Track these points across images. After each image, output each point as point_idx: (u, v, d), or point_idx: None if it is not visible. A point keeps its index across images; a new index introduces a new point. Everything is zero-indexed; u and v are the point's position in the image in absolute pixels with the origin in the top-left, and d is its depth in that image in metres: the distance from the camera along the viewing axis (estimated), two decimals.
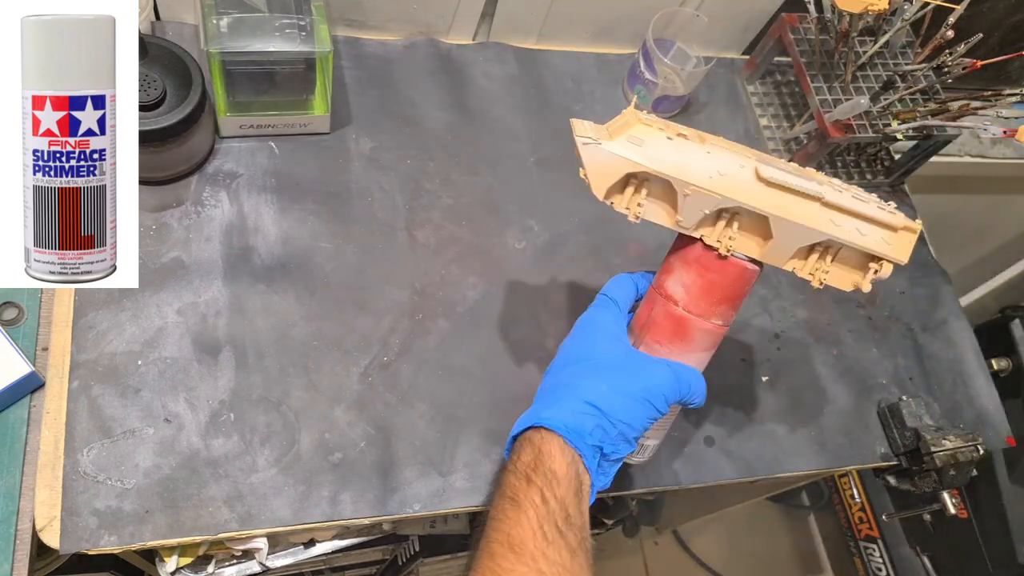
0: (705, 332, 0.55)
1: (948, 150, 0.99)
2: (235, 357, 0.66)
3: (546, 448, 0.50)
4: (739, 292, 0.55)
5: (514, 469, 0.50)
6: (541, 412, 0.52)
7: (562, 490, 0.48)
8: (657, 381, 0.53)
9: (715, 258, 0.54)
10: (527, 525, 0.46)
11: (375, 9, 0.82)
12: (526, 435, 0.52)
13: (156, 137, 0.64)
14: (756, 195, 0.51)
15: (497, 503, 0.49)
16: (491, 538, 0.47)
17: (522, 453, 0.51)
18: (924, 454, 0.76)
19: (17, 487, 0.57)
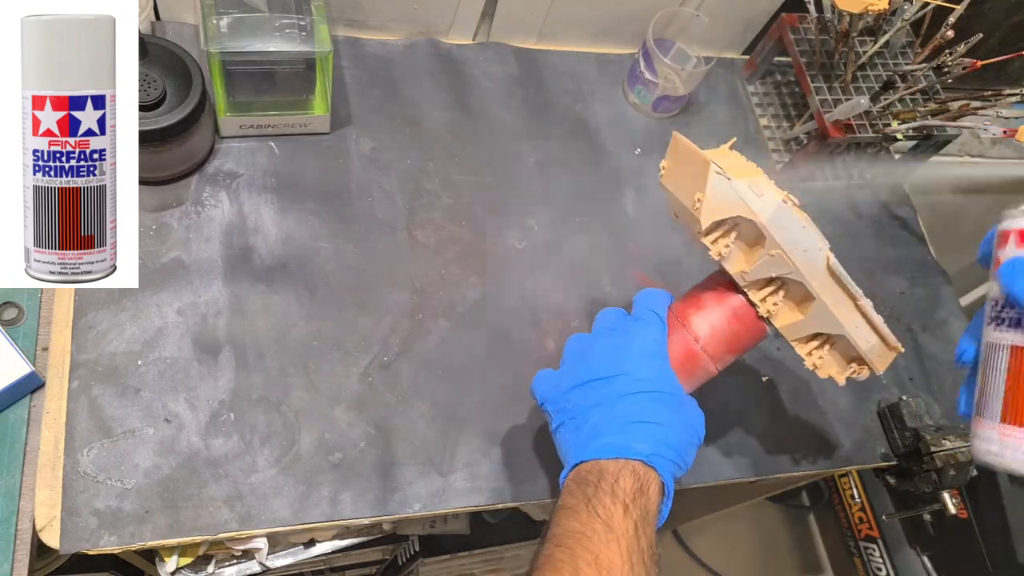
0: (706, 374, 0.58)
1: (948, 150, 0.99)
2: (235, 357, 0.66)
3: (647, 485, 0.50)
4: (748, 348, 0.59)
5: (611, 492, 0.49)
6: (647, 451, 0.51)
7: (651, 530, 0.49)
8: (700, 422, 0.56)
9: (753, 315, 0.57)
10: (617, 551, 0.46)
11: (375, 9, 0.82)
12: (628, 463, 0.51)
13: (156, 137, 0.64)
14: (820, 280, 0.55)
15: (586, 521, 0.48)
16: (577, 554, 0.46)
17: (621, 479, 0.50)
18: (924, 454, 0.76)
19: (17, 487, 0.57)
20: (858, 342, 0.56)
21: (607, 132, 0.88)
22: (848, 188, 0.95)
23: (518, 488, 0.68)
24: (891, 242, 0.93)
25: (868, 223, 0.93)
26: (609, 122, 0.89)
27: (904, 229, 0.95)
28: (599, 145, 0.87)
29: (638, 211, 0.84)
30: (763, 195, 0.53)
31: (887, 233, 0.94)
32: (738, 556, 1.76)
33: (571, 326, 0.76)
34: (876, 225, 0.93)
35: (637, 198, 0.85)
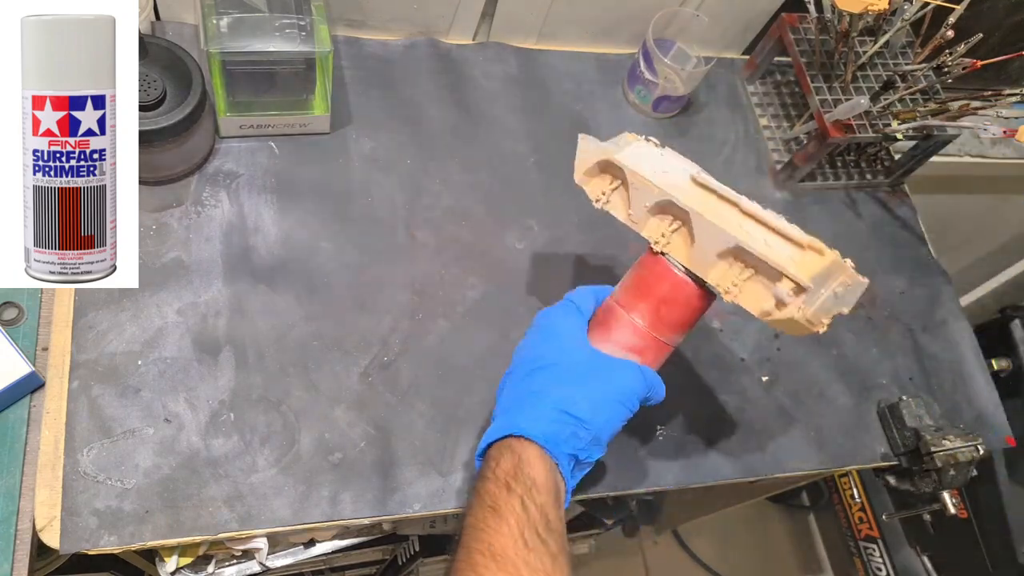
0: (628, 328, 0.56)
1: (948, 150, 0.99)
2: (235, 357, 0.66)
3: (525, 456, 0.50)
4: (666, 295, 0.56)
5: (493, 476, 0.49)
6: (517, 421, 0.52)
7: (542, 497, 0.48)
8: (627, 381, 0.54)
9: (649, 255, 0.57)
10: (508, 533, 0.46)
11: (375, 9, 0.82)
12: (504, 442, 0.51)
13: (156, 137, 0.64)
14: (687, 193, 0.56)
15: (476, 511, 0.48)
16: (471, 548, 0.46)
17: (501, 460, 0.50)
18: (924, 454, 0.76)
19: (17, 487, 0.57)
20: (758, 248, 0.51)
21: (607, 132, 0.88)
22: (848, 188, 0.95)
23: None
24: (891, 242, 0.93)
25: (868, 223, 0.93)
26: (609, 122, 0.89)
27: (904, 229, 0.95)
28: None
29: None
30: (622, 143, 0.59)
31: (887, 233, 0.94)
32: (738, 556, 1.76)
33: None
34: (876, 225, 0.93)
35: None
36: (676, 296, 0.56)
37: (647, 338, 0.56)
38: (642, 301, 0.56)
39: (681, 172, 0.57)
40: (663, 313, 0.56)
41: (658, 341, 0.56)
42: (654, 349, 0.57)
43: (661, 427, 0.73)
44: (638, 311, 0.56)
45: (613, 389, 0.53)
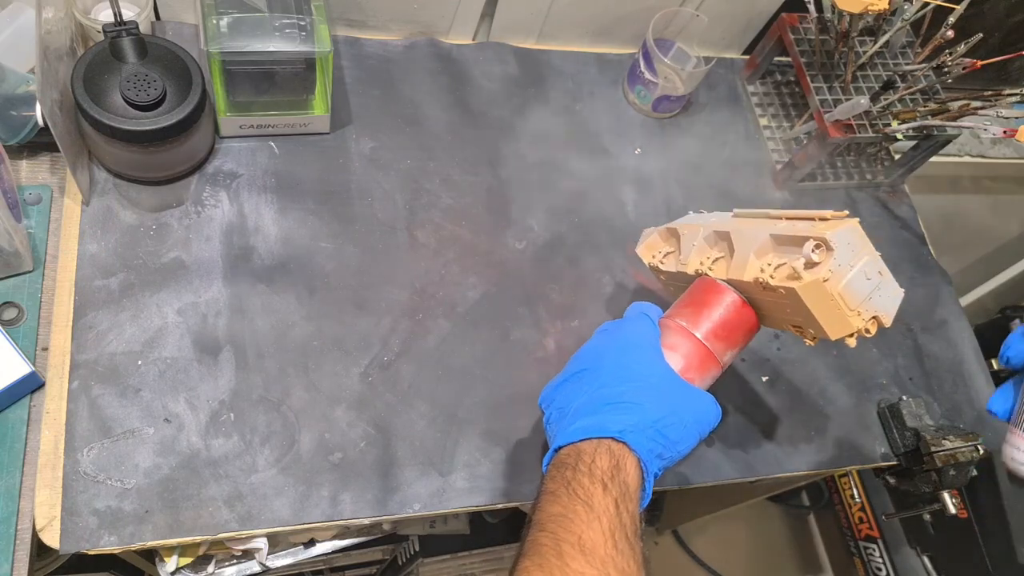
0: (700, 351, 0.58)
1: (948, 150, 0.99)
2: (235, 357, 0.66)
3: (623, 462, 0.50)
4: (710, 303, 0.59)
5: (589, 472, 0.49)
6: (617, 427, 0.51)
7: (633, 505, 0.49)
8: (706, 410, 0.55)
9: (699, 280, 0.62)
10: (600, 530, 0.46)
11: (375, 9, 0.82)
12: (603, 442, 0.51)
13: (156, 137, 0.64)
14: (727, 223, 0.61)
15: (566, 502, 0.48)
16: (559, 536, 0.46)
17: (597, 458, 0.50)
18: (924, 454, 0.76)
19: (17, 487, 0.57)
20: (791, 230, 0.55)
21: (607, 132, 0.88)
22: (848, 188, 0.95)
23: (518, 488, 0.68)
24: (891, 242, 0.93)
25: (868, 223, 0.93)
26: (609, 122, 0.89)
27: (904, 229, 0.95)
28: (599, 145, 0.87)
29: (638, 211, 0.84)
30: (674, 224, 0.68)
31: (887, 233, 0.94)
32: (738, 556, 1.76)
33: (571, 326, 0.76)
34: (876, 225, 0.93)
35: (637, 198, 0.85)
36: (730, 311, 0.59)
37: (713, 361, 0.58)
38: (686, 308, 0.60)
39: (726, 215, 0.65)
40: (722, 331, 0.58)
41: (716, 362, 0.58)
42: (713, 372, 0.59)
43: None
44: (683, 316, 0.59)
45: (697, 419, 0.54)
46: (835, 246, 0.52)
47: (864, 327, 0.54)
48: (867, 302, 0.54)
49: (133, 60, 0.64)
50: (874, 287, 0.54)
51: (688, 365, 0.57)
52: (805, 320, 0.56)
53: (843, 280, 0.52)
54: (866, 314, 0.54)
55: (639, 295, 0.79)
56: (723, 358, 0.59)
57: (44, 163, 0.69)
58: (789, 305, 0.55)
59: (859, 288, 0.53)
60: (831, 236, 0.52)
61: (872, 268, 0.54)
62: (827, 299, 0.53)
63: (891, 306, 0.56)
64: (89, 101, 0.62)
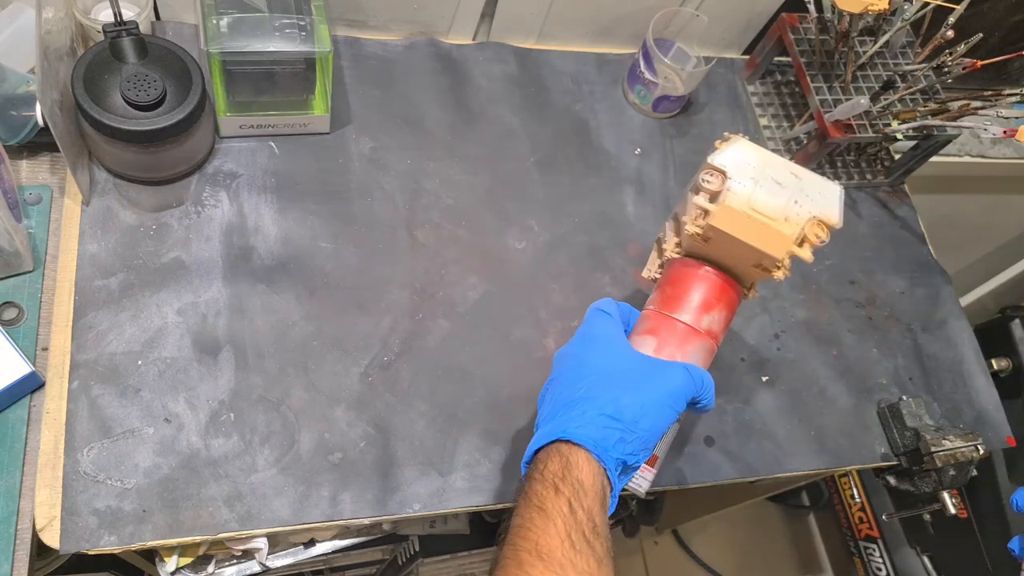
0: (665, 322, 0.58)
1: (948, 150, 0.99)
2: (235, 357, 0.66)
3: (574, 459, 0.50)
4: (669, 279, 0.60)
5: (541, 478, 0.49)
6: (564, 426, 0.51)
7: (589, 500, 0.48)
8: (674, 382, 0.53)
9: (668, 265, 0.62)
10: (555, 534, 0.46)
11: (375, 9, 0.82)
12: (553, 446, 0.51)
13: (156, 137, 0.64)
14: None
15: (523, 511, 0.48)
16: (518, 546, 0.46)
17: (549, 463, 0.50)
18: (924, 454, 0.76)
19: (17, 487, 0.57)
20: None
21: (607, 132, 0.88)
22: (848, 188, 0.95)
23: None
24: (891, 242, 0.93)
25: (868, 223, 0.93)
26: (609, 122, 0.89)
27: (904, 229, 0.95)
28: (599, 145, 0.87)
29: (638, 211, 0.84)
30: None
31: (887, 233, 0.94)
32: (738, 556, 1.76)
33: (571, 326, 0.76)
34: (876, 225, 0.93)
35: (637, 198, 0.85)
36: (686, 277, 0.58)
37: (656, 319, 0.58)
38: (667, 295, 0.59)
39: None
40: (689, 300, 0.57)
41: (695, 331, 0.56)
42: (697, 343, 0.57)
43: None
44: (650, 303, 0.60)
45: (660, 391, 0.53)
46: (724, 167, 0.53)
47: (804, 234, 0.53)
48: (792, 207, 0.53)
49: (133, 60, 0.64)
50: (794, 191, 0.53)
51: (662, 343, 0.57)
52: (748, 252, 0.54)
53: (748, 195, 0.52)
54: (798, 220, 0.53)
55: (639, 294, 0.79)
56: (702, 325, 0.57)
57: (44, 163, 0.69)
58: (730, 247, 0.54)
59: (772, 196, 0.53)
60: (714, 159, 0.53)
61: (780, 173, 0.54)
62: (745, 220, 0.52)
63: (829, 204, 0.54)
64: (89, 101, 0.62)
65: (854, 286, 0.88)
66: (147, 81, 0.63)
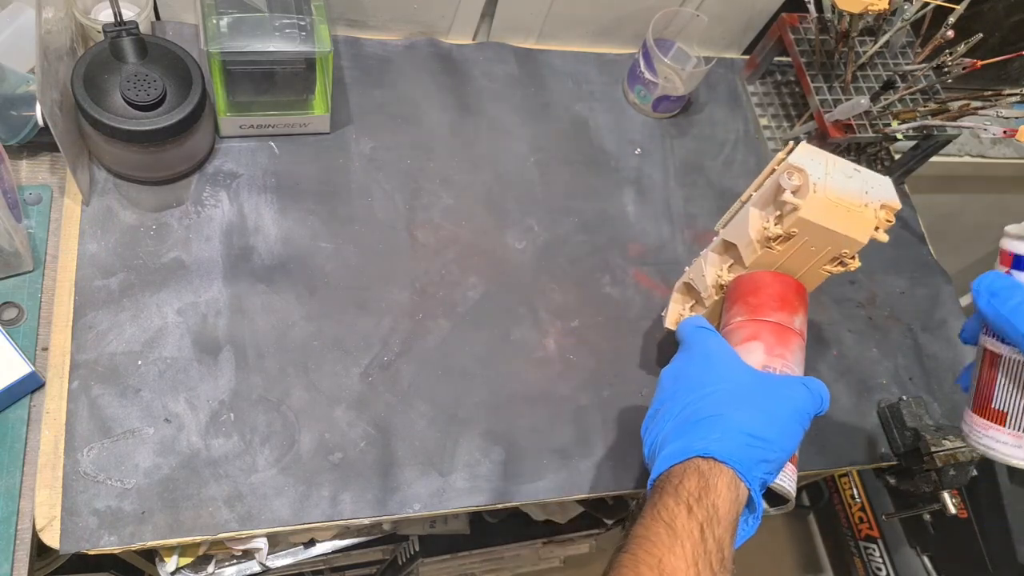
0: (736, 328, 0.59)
1: (948, 150, 0.99)
2: (235, 357, 0.66)
3: (714, 481, 0.47)
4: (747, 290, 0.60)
5: (675, 493, 0.47)
6: (703, 443, 0.49)
7: (721, 529, 0.46)
8: (800, 398, 0.52)
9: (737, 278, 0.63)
10: (682, 556, 0.44)
11: (375, 9, 0.82)
12: (691, 463, 0.49)
13: (156, 137, 0.64)
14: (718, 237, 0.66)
15: (650, 524, 0.46)
16: (640, 558, 0.44)
17: (685, 479, 0.47)
18: (924, 454, 0.76)
19: (17, 487, 0.57)
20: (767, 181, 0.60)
21: (607, 132, 0.88)
22: None
23: (518, 488, 0.68)
24: (891, 242, 0.92)
25: None
26: (609, 122, 0.89)
27: (904, 229, 0.95)
28: (599, 145, 0.87)
29: (638, 211, 0.84)
30: None
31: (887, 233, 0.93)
32: (738, 556, 1.76)
33: (571, 326, 0.76)
34: None
35: (637, 198, 0.85)
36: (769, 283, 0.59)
37: (752, 325, 0.58)
38: (731, 309, 0.60)
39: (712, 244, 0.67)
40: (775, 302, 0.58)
41: (793, 332, 0.57)
42: (796, 343, 0.57)
43: None
44: (735, 314, 0.59)
45: (788, 408, 0.51)
46: (803, 165, 0.56)
47: (883, 218, 0.57)
48: (866, 195, 0.57)
49: (133, 60, 0.64)
50: (862, 182, 0.58)
51: (769, 348, 0.56)
52: (832, 242, 0.57)
53: (831, 186, 0.56)
54: (873, 206, 0.57)
55: (639, 295, 0.79)
56: (795, 324, 0.58)
57: (44, 163, 0.69)
58: (811, 242, 0.57)
59: (849, 186, 0.57)
60: (793, 160, 0.57)
61: (847, 168, 0.58)
62: (833, 207, 0.56)
63: (889, 192, 0.58)
64: (89, 101, 0.62)
65: (854, 286, 0.88)
66: (147, 81, 0.63)
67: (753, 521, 0.50)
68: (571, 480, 0.69)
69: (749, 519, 0.50)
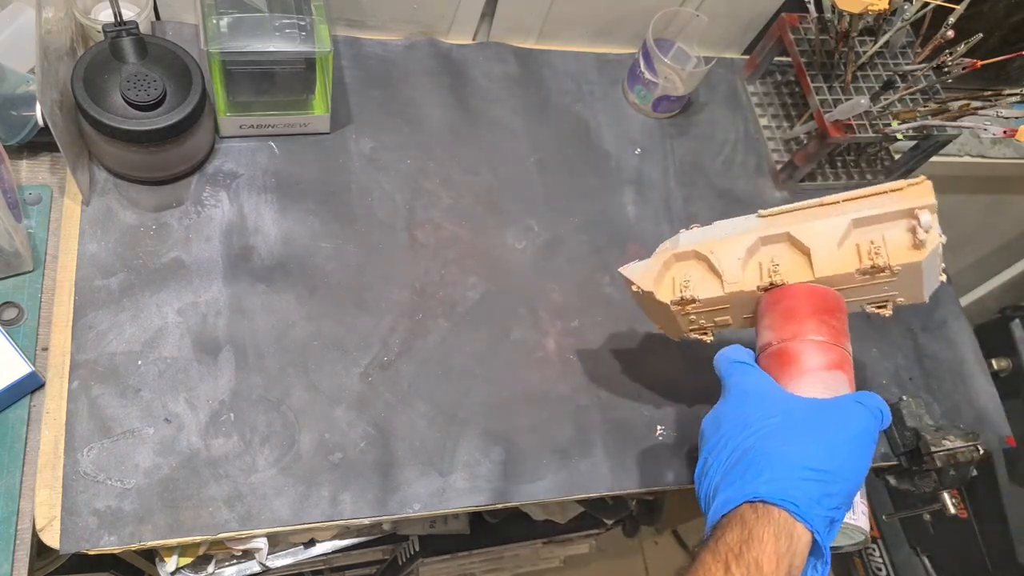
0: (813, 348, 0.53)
1: (948, 150, 0.99)
2: (235, 357, 0.66)
3: (758, 532, 0.43)
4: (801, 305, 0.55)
5: (714, 548, 0.43)
6: (754, 487, 0.44)
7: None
8: (857, 418, 0.48)
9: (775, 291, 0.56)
10: None
11: (375, 9, 0.82)
12: (736, 513, 0.44)
13: (156, 137, 0.64)
14: (767, 226, 0.56)
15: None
16: None
17: (727, 531, 0.43)
18: (924, 454, 0.76)
19: (17, 487, 0.57)
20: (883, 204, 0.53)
21: (607, 132, 0.88)
22: (848, 188, 0.95)
23: (518, 488, 0.68)
24: None
25: None
26: (609, 122, 0.89)
27: None
28: (599, 145, 0.87)
29: (638, 211, 0.84)
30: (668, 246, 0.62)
31: None
32: None
33: (571, 326, 0.76)
34: None
35: (637, 198, 0.85)
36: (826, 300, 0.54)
37: (837, 351, 0.53)
38: (805, 322, 0.53)
39: (742, 221, 0.58)
40: (829, 321, 0.54)
41: (842, 351, 0.53)
42: (844, 361, 0.53)
43: (661, 427, 0.73)
44: (811, 331, 0.53)
45: (848, 432, 0.47)
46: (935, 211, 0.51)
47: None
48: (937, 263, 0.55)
49: (133, 60, 0.64)
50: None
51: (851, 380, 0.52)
52: (904, 290, 0.53)
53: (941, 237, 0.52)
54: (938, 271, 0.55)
55: None
56: (847, 347, 0.54)
57: (44, 163, 0.69)
58: (896, 284, 0.53)
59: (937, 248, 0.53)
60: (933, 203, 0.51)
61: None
62: (936, 260, 0.53)
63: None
64: (89, 101, 0.62)
65: None
66: (147, 81, 0.63)
67: (822, 567, 0.45)
68: (571, 480, 0.69)
69: (818, 565, 0.45)
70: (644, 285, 0.60)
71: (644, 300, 0.63)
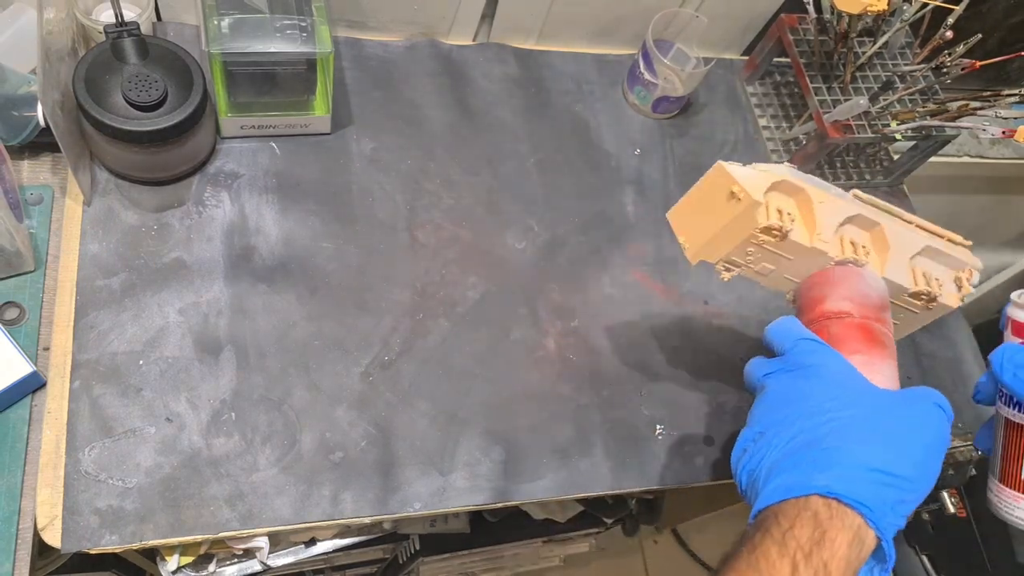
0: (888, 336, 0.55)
1: (947, 150, 0.99)
2: (236, 357, 0.66)
3: (832, 535, 0.40)
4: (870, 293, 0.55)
5: (781, 541, 0.40)
6: (826, 480, 0.42)
7: None
8: (937, 422, 0.46)
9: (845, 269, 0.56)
10: None
11: (376, 10, 0.83)
12: (808, 502, 0.42)
13: (157, 137, 0.64)
14: (877, 214, 0.58)
15: (744, 572, 0.40)
16: None
17: (797, 525, 0.41)
18: None
19: (18, 486, 0.57)
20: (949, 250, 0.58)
21: (607, 132, 0.89)
22: (847, 188, 0.95)
23: (518, 487, 0.68)
24: None
25: None
26: (609, 122, 0.89)
27: None
28: (599, 145, 0.87)
29: (638, 211, 0.84)
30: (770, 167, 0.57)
31: None
32: None
33: (571, 326, 0.76)
34: None
35: (637, 198, 0.85)
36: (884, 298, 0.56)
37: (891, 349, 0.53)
38: (883, 310, 0.55)
39: (834, 186, 0.59)
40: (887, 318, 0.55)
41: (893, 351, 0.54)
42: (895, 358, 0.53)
43: (661, 427, 0.74)
44: (887, 319, 0.55)
45: (927, 436, 0.45)
46: None
47: None
48: None
49: (134, 61, 0.64)
50: None
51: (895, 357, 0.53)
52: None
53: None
54: None
55: (639, 295, 0.80)
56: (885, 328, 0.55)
57: (45, 163, 0.69)
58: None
59: None
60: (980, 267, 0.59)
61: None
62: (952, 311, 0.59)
63: None
64: (91, 102, 0.62)
65: None
66: (148, 82, 0.64)
67: (881, 573, 0.44)
68: (571, 479, 0.69)
69: (875, 569, 0.43)
70: (754, 193, 0.53)
71: (715, 203, 0.57)
